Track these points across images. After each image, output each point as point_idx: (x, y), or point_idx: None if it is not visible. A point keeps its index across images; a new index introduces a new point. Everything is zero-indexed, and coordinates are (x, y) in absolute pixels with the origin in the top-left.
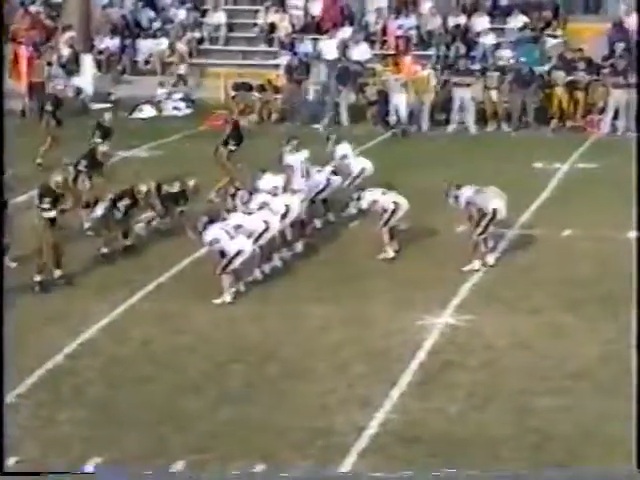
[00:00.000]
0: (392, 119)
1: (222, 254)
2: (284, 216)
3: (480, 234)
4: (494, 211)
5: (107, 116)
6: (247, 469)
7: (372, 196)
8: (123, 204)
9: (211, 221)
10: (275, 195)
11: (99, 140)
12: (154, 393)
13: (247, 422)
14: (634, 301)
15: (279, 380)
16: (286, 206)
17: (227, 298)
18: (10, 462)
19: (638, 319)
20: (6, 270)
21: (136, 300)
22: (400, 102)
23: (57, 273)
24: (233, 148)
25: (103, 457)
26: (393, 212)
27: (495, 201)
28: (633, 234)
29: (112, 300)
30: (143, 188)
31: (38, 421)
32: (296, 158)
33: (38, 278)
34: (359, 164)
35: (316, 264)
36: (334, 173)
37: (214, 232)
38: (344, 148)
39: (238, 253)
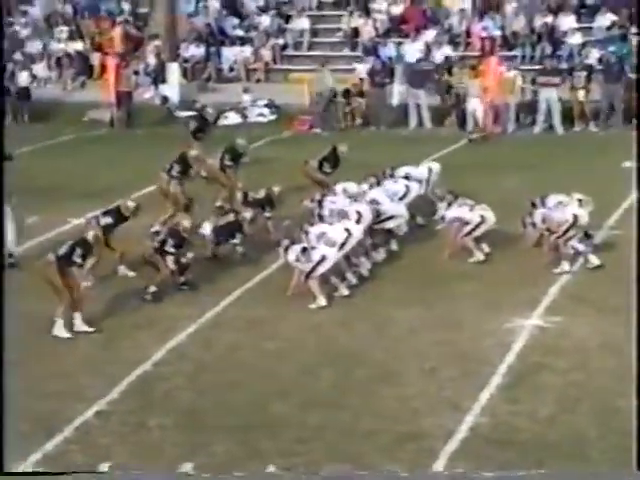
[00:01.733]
0: (469, 124)
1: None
2: (357, 222)
3: (559, 237)
4: (574, 217)
5: (241, 142)
6: (336, 473)
7: (454, 213)
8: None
9: (292, 242)
10: (353, 200)
11: (229, 163)
12: (242, 399)
13: (336, 426)
14: None
15: (367, 384)
16: (358, 213)
17: (322, 302)
18: (103, 467)
19: (638, 318)
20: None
21: (224, 306)
22: (477, 107)
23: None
24: (328, 171)
25: (193, 462)
26: (478, 225)
27: (573, 207)
28: None
29: (200, 306)
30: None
31: (128, 427)
32: (378, 192)
33: (153, 289)
34: (424, 168)
35: (404, 267)
36: (407, 178)
37: (295, 252)
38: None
39: (322, 260)
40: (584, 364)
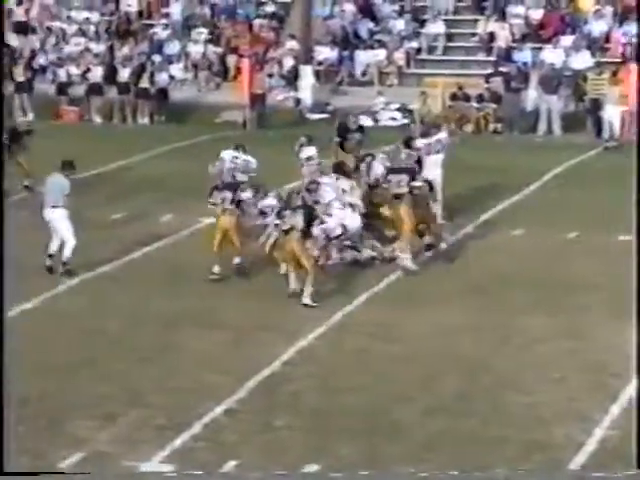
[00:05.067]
0: (606, 131)
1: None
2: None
3: None
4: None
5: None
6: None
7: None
8: None
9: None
10: None
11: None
12: (368, 402)
13: (461, 433)
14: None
15: (494, 391)
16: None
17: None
18: (229, 465)
19: (638, 322)
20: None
21: (352, 309)
22: (614, 114)
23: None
24: None
25: (319, 464)
26: None
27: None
28: None
29: (328, 308)
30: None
31: (255, 426)
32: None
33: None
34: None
35: (531, 275)
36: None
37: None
38: (310, 151)
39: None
40: None
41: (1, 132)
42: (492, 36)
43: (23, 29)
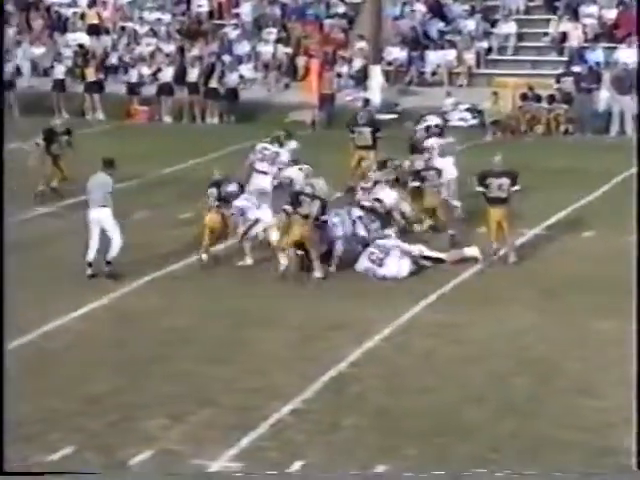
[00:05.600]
0: None
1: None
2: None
3: None
4: None
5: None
6: None
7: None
8: None
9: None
10: None
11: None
12: (434, 403)
13: (531, 436)
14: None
15: (564, 394)
16: None
17: (248, 261)
18: (295, 466)
19: (638, 322)
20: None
21: (418, 310)
22: None
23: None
24: None
25: (386, 465)
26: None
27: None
28: None
29: (395, 310)
30: None
31: (322, 426)
32: None
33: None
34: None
35: (596, 277)
36: None
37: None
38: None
39: (257, 221)
40: None
41: (2, 129)
42: (564, 36)
43: (95, 30)
